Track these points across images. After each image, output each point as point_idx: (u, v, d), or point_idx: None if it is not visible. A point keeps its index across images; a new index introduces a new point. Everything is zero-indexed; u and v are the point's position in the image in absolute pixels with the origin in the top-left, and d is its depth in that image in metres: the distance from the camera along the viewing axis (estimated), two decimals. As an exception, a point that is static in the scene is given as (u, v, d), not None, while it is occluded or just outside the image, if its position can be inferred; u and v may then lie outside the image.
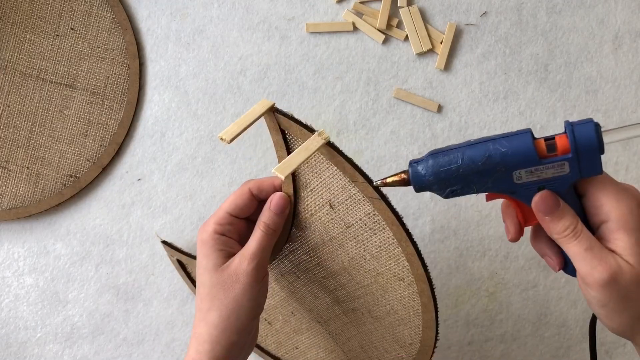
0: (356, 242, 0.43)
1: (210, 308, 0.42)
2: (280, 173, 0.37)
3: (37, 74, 0.60)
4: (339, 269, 0.46)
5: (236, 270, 0.42)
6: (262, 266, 0.42)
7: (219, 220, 0.43)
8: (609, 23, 0.65)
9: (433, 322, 0.44)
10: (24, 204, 0.59)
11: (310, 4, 0.63)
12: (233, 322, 0.42)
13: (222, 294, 0.42)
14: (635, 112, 0.65)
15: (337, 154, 0.39)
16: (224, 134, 0.39)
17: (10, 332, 0.60)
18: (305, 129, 0.40)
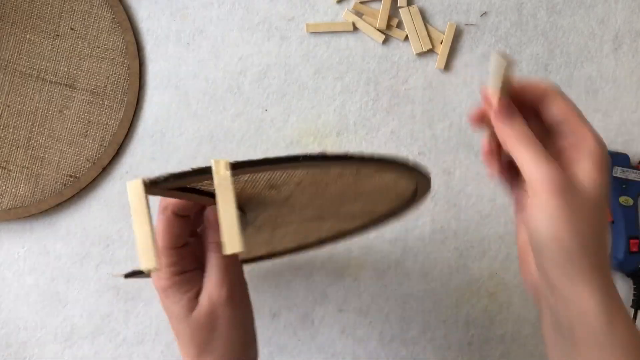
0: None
1: (200, 353, 0.38)
2: (236, 248, 0.31)
3: (37, 74, 0.60)
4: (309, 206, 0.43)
5: (211, 307, 0.38)
6: (235, 287, 0.39)
7: (168, 259, 0.38)
8: (609, 23, 0.65)
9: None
10: (23, 204, 0.59)
11: (310, 4, 0.63)
12: (230, 358, 0.39)
13: (207, 336, 0.38)
14: (635, 112, 0.65)
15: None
16: (147, 264, 0.32)
17: (10, 332, 0.60)
18: (194, 174, 0.32)
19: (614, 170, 0.61)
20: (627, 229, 0.61)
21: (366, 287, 0.62)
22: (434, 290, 0.62)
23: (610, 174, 0.61)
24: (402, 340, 0.62)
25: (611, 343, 0.33)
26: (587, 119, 0.39)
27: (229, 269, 0.38)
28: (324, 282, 0.62)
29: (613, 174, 0.61)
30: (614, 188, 0.61)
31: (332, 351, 0.61)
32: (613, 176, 0.61)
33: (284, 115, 0.62)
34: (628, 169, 0.62)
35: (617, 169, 0.61)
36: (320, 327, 0.61)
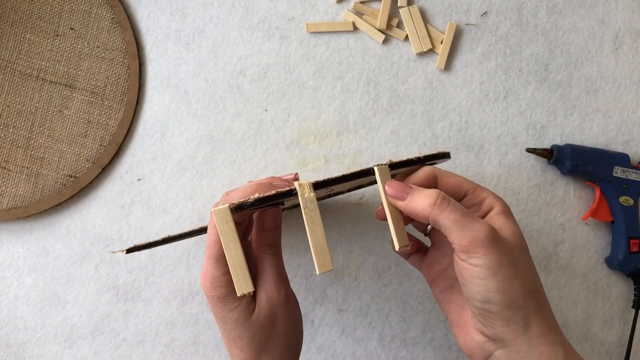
0: None
1: (258, 354, 0.39)
2: (327, 268, 0.32)
3: (36, 73, 0.60)
4: None
5: (271, 307, 0.39)
6: (288, 284, 0.40)
7: (224, 268, 0.39)
8: (610, 23, 0.65)
9: None
10: (23, 204, 0.59)
11: (310, 3, 0.63)
12: (288, 356, 0.40)
13: (266, 337, 0.39)
14: (635, 112, 0.65)
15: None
16: (246, 288, 0.34)
17: (10, 332, 0.60)
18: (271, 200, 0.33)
19: (614, 171, 0.61)
20: (628, 229, 0.61)
21: (366, 287, 0.62)
22: (434, 291, 0.62)
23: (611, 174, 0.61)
24: (402, 340, 0.62)
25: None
26: (587, 118, 0.40)
27: (282, 270, 0.40)
28: (324, 282, 0.62)
29: (613, 174, 0.61)
30: (614, 188, 0.61)
31: (332, 351, 0.61)
32: (613, 176, 0.61)
33: (284, 115, 0.62)
34: (628, 169, 0.62)
35: (617, 169, 0.61)
36: (320, 327, 0.61)
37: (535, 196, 0.63)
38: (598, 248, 0.64)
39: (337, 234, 0.62)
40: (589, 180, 0.62)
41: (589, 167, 0.61)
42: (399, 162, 0.35)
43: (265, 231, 0.40)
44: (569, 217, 0.63)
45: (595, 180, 0.61)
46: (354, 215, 0.62)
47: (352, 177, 0.33)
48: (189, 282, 0.61)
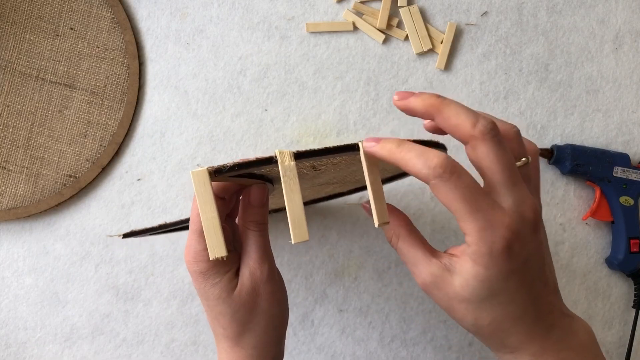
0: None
1: (241, 332, 0.39)
2: (303, 238, 0.32)
3: (36, 73, 0.60)
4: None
5: (253, 284, 0.38)
6: (273, 264, 0.39)
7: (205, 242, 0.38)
8: (610, 23, 0.65)
9: None
10: (23, 204, 0.59)
11: (310, 3, 0.63)
12: (272, 335, 0.40)
13: (249, 315, 0.39)
14: (635, 112, 0.65)
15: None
16: (218, 252, 0.33)
17: (10, 333, 0.60)
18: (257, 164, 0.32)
19: (615, 171, 0.61)
20: (628, 229, 0.61)
21: (366, 287, 0.62)
22: (434, 291, 0.62)
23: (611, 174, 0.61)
24: (402, 341, 0.62)
25: None
26: (587, 118, 0.38)
27: (267, 247, 0.39)
28: (324, 282, 0.61)
29: (613, 174, 0.61)
30: (614, 188, 0.61)
31: (332, 351, 0.61)
32: (614, 176, 0.61)
33: (284, 114, 0.62)
34: (628, 169, 0.62)
35: (617, 169, 0.61)
36: (320, 327, 0.61)
37: (535, 196, 0.63)
38: (598, 248, 0.64)
39: (337, 233, 0.62)
40: (589, 180, 0.62)
41: (589, 167, 0.61)
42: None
43: (251, 207, 0.39)
44: (569, 217, 0.63)
45: (596, 180, 0.61)
46: (354, 215, 0.62)
47: (335, 150, 0.33)
48: (189, 282, 0.61)
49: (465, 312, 0.34)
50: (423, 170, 0.31)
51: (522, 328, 0.34)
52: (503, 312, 0.33)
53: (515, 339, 0.34)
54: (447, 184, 0.31)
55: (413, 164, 0.32)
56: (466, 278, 0.33)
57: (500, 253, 0.32)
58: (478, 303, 0.33)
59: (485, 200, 0.32)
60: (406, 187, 0.62)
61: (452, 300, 0.34)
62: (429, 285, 0.34)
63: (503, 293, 0.33)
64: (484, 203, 0.32)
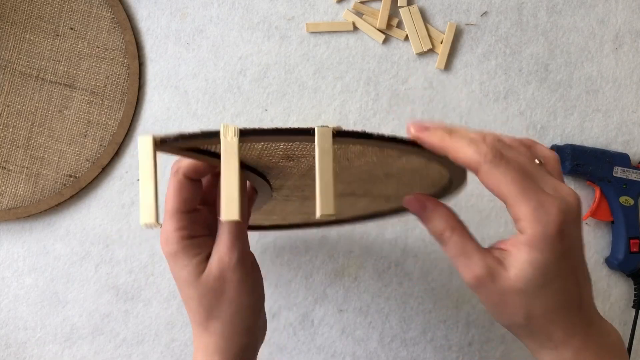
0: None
1: (208, 318, 0.38)
2: (233, 216, 0.30)
3: (36, 73, 0.60)
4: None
5: (220, 270, 0.37)
6: (245, 254, 0.38)
7: (176, 224, 0.38)
8: (610, 23, 0.65)
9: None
10: (23, 204, 0.59)
11: (310, 3, 0.63)
12: (238, 325, 0.39)
13: (214, 301, 0.38)
14: (635, 112, 0.65)
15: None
16: (146, 218, 0.32)
17: (10, 333, 0.60)
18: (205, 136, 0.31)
19: (615, 171, 0.61)
20: (628, 229, 0.61)
21: (366, 287, 0.62)
22: (434, 290, 0.62)
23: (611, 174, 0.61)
24: (402, 341, 0.62)
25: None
26: (587, 118, 0.37)
27: (240, 235, 0.38)
28: (324, 282, 0.61)
29: (613, 174, 0.61)
30: (614, 188, 0.61)
31: (332, 351, 0.61)
32: (614, 176, 0.61)
33: (284, 114, 0.62)
34: (628, 169, 0.62)
35: (617, 169, 0.61)
36: (320, 327, 0.61)
37: (535, 196, 0.63)
38: (598, 248, 0.64)
39: (337, 233, 0.62)
40: (589, 180, 0.62)
41: (589, 167, 0.61)
42: (350, 132, 0.32)
43: None
44: (569, 217, 0.63)
45: (595, 180, 0.61)
46: (354, 215, 0.62)
47: (286, 132, 0.31)
48: (189, 282, 0.61)
49: (519, 304, 0.33)
50: (474, 157, 0.31)
51: (568, 320, 0.34)
52: (555, 300, 0.34)
53: (562, 332, 0.34)
54: (499, 168, 0.31)
55: (464, 151, 0.32)
56: (521, 267, 0.32)
57: (554, 235, 0.32)
58: (532, 292, 0.33)
59: (535, 183, 0.32)
60: (406, 187, 0.62)
61: (505, 294, 0.33)
62: (483, 278, 0.33)
63: (557, 279, 0.33)
64: (535, 185, 0.32)
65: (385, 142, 0.32)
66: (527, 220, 0.32)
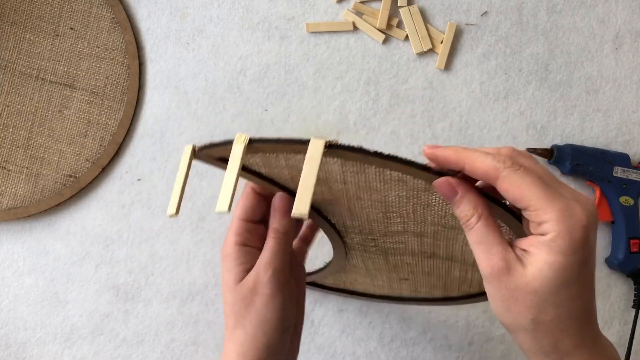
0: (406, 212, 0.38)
1: (235, 325, 0.40)
2: (222, 209, 0.33)
3: (36, 73, 0.60)
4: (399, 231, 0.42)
5: (254, 282, 0.40)
6: (280, 273, 0.40)
7: (236, 229, 0.41)
8: (610, 23, 0.65)
9: None
10: (23, 204, 0.59)
11: (310, 3, 0.63)
12: (259, 338, 0.40)
13: (244, 309, 0.40)
14: (635, 112, 0.65)
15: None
16: (170, 210, 0.36)
17: (10, 333, 0.60)
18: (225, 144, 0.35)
19: (615, 171, 0.61)
20: (628, 229, 0.61)
21: (366, 287, 0.62)
22: (434, 291, 0.62)
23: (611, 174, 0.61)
24: (402, 341, 0.62)
25: None
26: (587, 118, 0.37)
27: (279, 255, 0.40)
28: (324, 282, 0.62)
29: (613, 174, 0.61)
30: (614, 188, 0.61)
31: (332, 351, 0.61)
32: (614, 176, 0.61)
33: (284, 115, 0.62)
34: (628, 169, 0.62)
35: (617, 169, 0.61)
36: (320, 327, 0.61)
37: (535, 196, 0.63)
38: (598, 248, 0.64)
39: (337, 234, 0.62)
40: (589, 180, 0.62)
41: (589, 167, 0.61)
42: (345, 146, 0.32)
43: (274, 214, 0.41)
44: (569, 217, 0.63)
45: (596, 180, 0.61)
46: (354, 215, 0.62)
47: (285, 141, 0.34)
48: (189, 282, 0.61)
49: (529, 304, 0.32)
50: (492, 164, 0.31)
51: (579, 331, 0.33)
52: (568, 308, 0.33)
53: (571, 342, 0.33)
54: (519, 172, 0.31)
55: (482, 160, 0.32)
56: (541, 268, 0.32)
57: (580, 240, 0.31)
58: (547, 295, 0.32)
59: (555, 188, 0.32)
60: (406, 187, 0.62)
61: (518, 291, 0.32)
62: (499, 270, 0.33)
63: (574, 286, 0.32)
64: (556, 190, 0.32)
65: (384, 159, 0.32)
66: (553, 222, 0.31)
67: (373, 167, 0.34)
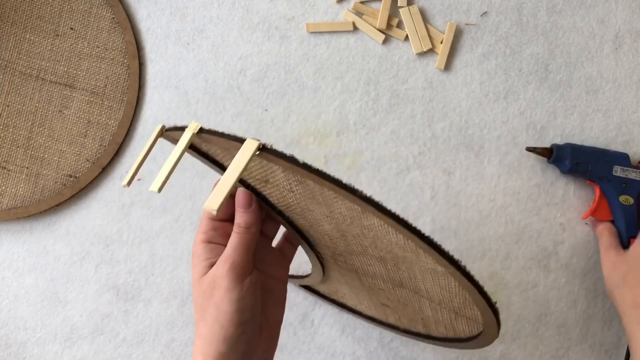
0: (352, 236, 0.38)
1: (199, 319, 0.41)
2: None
3: (36, 73, 0.60)
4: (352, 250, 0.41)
5: (213, 276, 0.40)
6: (240, 267, 0.40)
7: (202, 227, 0.42)
8: (610, 23, 0.65)
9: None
10: (23, 204, 0.59)
11: (310, 3, 0.63)
12: (218, 331, 0.40)
13: (205, 303, 0.40)
14: (635, 112, 0.65)
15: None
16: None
17: (10, 332, 0.60)
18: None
19: (614, 170, 0.61)
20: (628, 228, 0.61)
21: (366, 287, 0.62)
22: (434, 290, 0.62)
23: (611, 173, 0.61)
24: (402, 341, 0.62)
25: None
26: (587, 118, 0.37)
27: (239, 248, 0.41)
28: (324, 282, 0.62)
29: (613, 173, 0.61)
30: (614, 187, 0.61)
31: (332, 351, 0.61)
32: (613, 175, 0.61)
33: (284, 115, 0.62)
34: (628, 168, 0.62)
35: (617, 168, 0.61)
36: (320, 327, 0.61)
37: (535, 196, 0.63)
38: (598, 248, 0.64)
39: (337, 234, 0.62)
40: (588, 179, 0.62)
41: (588, 166, 0.61)
42: (277, 152, 0.31)
43: (237, 210, 0.42)
44: (569, 216, 0.63)
45: (595, 179, 0.61)
46: (354, 215, 0.62)
47: (227, 136, 0.34)
48: (188, 282, 0.61)
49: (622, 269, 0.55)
50: None
51: None
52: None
53: None
54: None
55: None
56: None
57: None
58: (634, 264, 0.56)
59: None
60: (406, 187, 0.62)
61: (617, 261, 0.56)
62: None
63: None
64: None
65: (312, 173, 0.30)
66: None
67: (310, 180, 0.32)
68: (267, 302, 0.44)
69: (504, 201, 0.62)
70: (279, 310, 0.45)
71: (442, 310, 0.43)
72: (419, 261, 0.36)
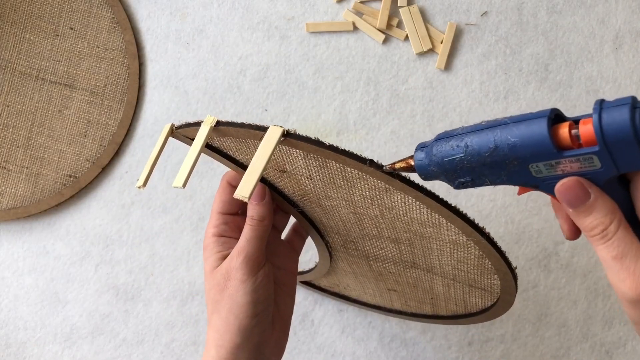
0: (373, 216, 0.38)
1: (212, 311, 0.41)
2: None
3: (36, 73, 0.60)
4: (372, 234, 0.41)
5: (227, 268, 0.41)
6: (254, 258, 0.41)
7: (213, 222, 0.43)
8: (610, 23, 0.65)
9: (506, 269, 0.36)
10: (23, 204, 0.59)
11: (310, 3, 0.63)
12: (232, 322, 0.41)
13: (218, 295, 0.41)
14: (635, 112, 0.65)
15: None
16: (139, 182, 0.38)
17: (10, 332, 0.60)
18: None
19: (534, 171, 0.60)
20: None
21: (366, 287, 0.62)
22: (434, 290, 0.62)
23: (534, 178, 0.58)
24: (402, 340, 0.62)
25: None
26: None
27: (252, 241, 0.41)
28: (324, 282, 0.62)
29: (535, 175, 0.60)
30: None
31: (332, 351, 0.61)
32: (536, 178, 0.60)
33: (284, 114, 0.62)
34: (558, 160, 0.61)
35: (538, 167, 0.61)
36: (320, 326, 0.61)
37: (535, 196, 0.63)
38: (598, 248, 0.64)
39: (337, 234, 0.62)
40: None
41: (484, 179, 0.58)
42: (301, 136, 0.32)
43: (250, 203, 0.42)
44: (569, 217, 0.63)
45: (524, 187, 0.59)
46: (354, 215, 0.62)
47: (248, 126, 0.34)
48: (189, 282, 0.61)
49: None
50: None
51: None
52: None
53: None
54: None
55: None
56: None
57: None
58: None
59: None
60: (406, 187, 0.62)
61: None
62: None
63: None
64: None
65: (338, 153, 0.31)
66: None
67: (333, 162, 0.33)
68: (279, 294, 0.45)
69: (504, 201, 0.62)
70: (289, 303, 0.46)
71: (456, 285, 0.43)
72: (440, 235, 0.37)
